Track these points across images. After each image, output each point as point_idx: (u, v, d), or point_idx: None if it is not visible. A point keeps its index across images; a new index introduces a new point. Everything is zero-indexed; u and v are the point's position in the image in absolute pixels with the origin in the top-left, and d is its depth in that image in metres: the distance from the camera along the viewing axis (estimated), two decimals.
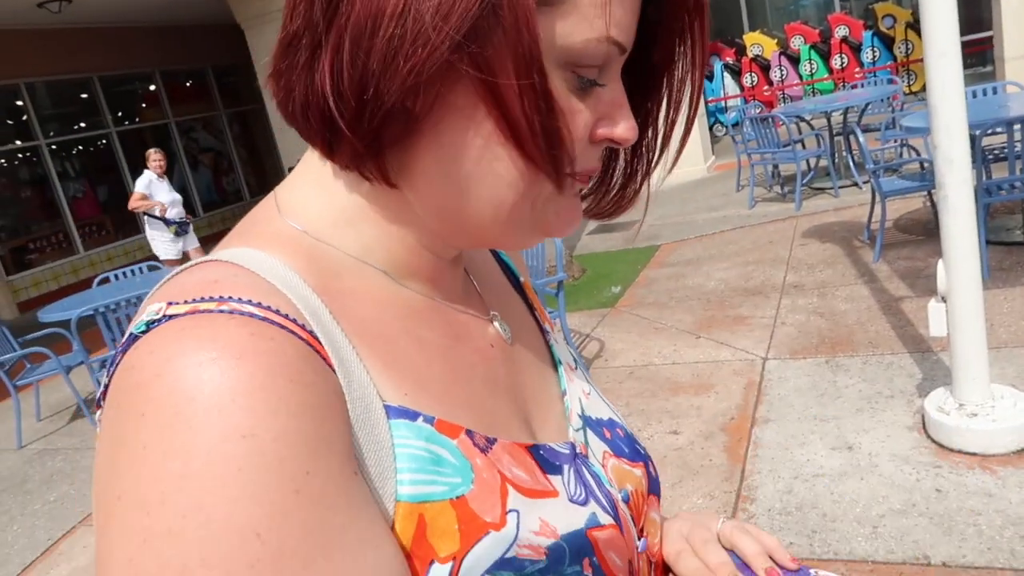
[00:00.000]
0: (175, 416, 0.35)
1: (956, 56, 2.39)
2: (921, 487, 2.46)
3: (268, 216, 0.49)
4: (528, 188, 0.45)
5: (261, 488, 0.34)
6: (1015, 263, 4.13)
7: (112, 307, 4.48)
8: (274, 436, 0.35)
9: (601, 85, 0.45)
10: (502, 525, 0.43)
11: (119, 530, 0.34)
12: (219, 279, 0.41)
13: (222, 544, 0.33)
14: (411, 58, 0.39)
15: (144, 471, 0.34)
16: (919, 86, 11.11)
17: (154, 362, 0.36)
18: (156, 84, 12.46)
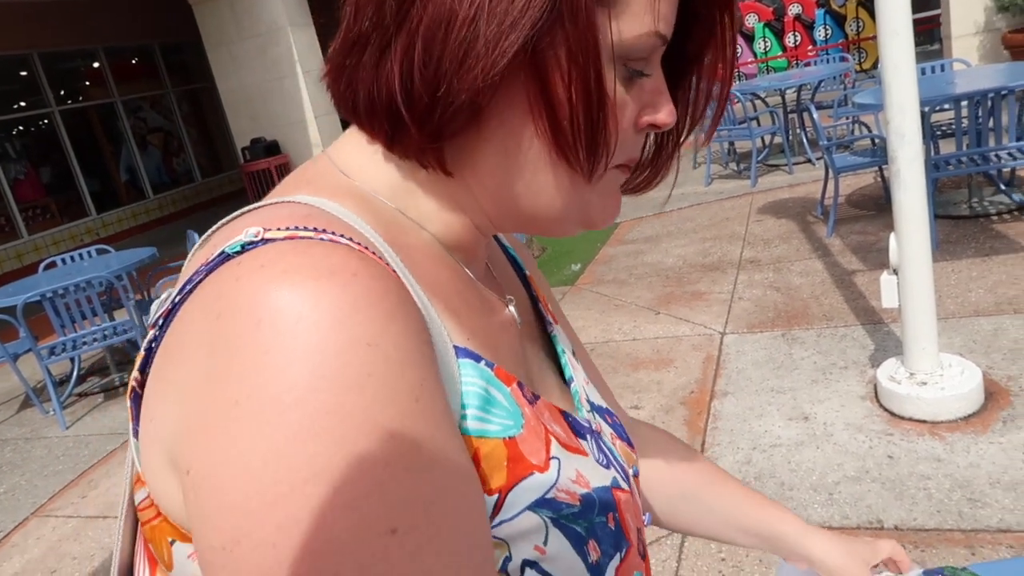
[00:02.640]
0: (298, 322, 0.36)
1: (908, 35, 2.43)
2: (874, 454, 2.53)
3: (327, 172, 0.51)
4: (568, 183, 0.48)
5: (390, 392, 0.36)
6: (961, 236, 4.25)
7: (60, 292, 4.34)
8: (394, 346, 0.37)
9: (647, 75, 0.48)
10: (545, 469, 0.47)
11: (246, 432, 0.34)
12: (309, 214, 0.43)
13: (362, 442, 0.35)
14: (482, 59, 0.41)
15: (270, 374, 0.35)
16: (870, 63, 11.32)
17: (266, 274, 0.37)
18: (100, 61, 12.03)
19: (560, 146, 0.45)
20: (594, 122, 0.45)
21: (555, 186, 0.48)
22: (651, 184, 0.59)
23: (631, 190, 0.59)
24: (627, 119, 0.48)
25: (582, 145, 0.45)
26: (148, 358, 0.44)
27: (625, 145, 0.49)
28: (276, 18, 9.82)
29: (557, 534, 0.46)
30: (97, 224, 11.48)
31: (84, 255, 5.72)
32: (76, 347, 4.50)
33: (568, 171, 0.47)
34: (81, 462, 3.91)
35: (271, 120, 10.34)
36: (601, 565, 0.48)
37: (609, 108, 0.45)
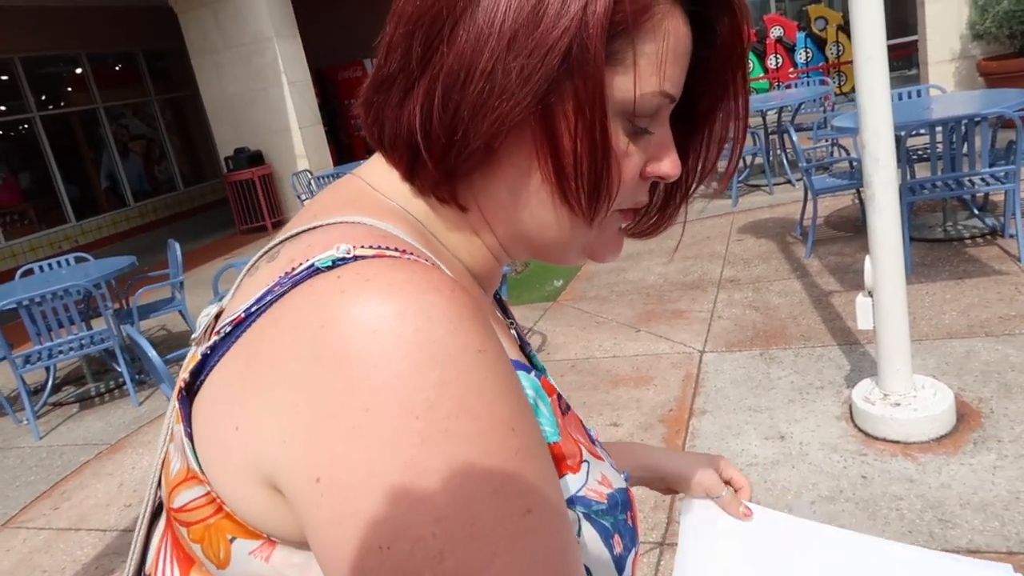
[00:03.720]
0: (416, 332, 0.38)
1: (883, 60, 2.48)
2: (848, 474, 2.56)
3: (367, 192, 0.54)
4: (571, 223, 0.52)
5: (503, 392, 0.40)
6: (936, 259, 4.33)
7: (37, 300, 4.29)
8: (496, 352, 0.41)
9: (651, 133, 0.51)
10: (578, 470, 0.51)
11: (382, 436, 0.37)
12: (385, 234, 0.47)
13: (491, 437, 0.38)
14: (496, 109, 0.45)
15: (397, 381, 0.37)
16: (849, 87, 11.50)
17: (374, 287, 0.40)
18: (83, 67, 11.95)
19: (563, 191, 0.49)
20: (597, 172, 0.48)
21: (558, 225, 0.52)
22: (658, 230, 0.63)
23: (639, 234, 0.63)
24: (632, 169, 0.52)
25: (584, 192, 0.49)
26: (204, 363, 0.45)
27: (629, 193, 0.53)
28: (262, 28, 9.82)
29: (588, 527, 0.50)
30: (76, 231, 11.36)
31: (62, 263, 5.67)
32: (52, 356, 4.45)
33: (570, 213, 0.51)
34: (54, 473, 3.86)
35: (254, 130, 10.31)
36: (623, 558, 0.52)
37: (613, 159, 0.49)
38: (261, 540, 0.43)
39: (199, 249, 9.73)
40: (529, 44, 0.44)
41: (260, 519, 0.43)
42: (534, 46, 0.44)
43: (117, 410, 4.59)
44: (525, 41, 0.44)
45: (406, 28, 0.48)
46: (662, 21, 0.48)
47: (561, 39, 0.44)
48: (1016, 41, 7.39)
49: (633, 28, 0.47)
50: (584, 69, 0.45)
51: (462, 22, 0.46)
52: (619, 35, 0.46)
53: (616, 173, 0.49)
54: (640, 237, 0.63)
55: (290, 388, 0.39)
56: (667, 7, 0.48)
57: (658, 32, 0.48)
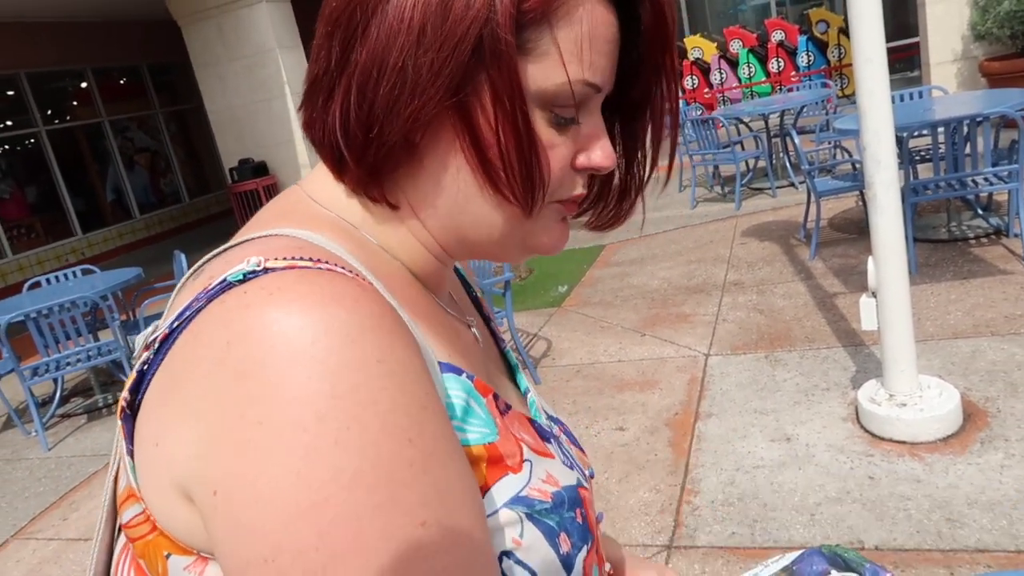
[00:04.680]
0: (312, 344, 0.38)
1: (882, 62, 2.49)
2: (855, 475, 2.56)
3: (302, 203, 0.54)
4: (507, 215, 0.51)
5: (403, 403, 0.40)
6: (940, 259, 4.32)
7: (44, 312, 4.32)
8: (399, 362, 0.41)
9: (577, 123, 0.51)
10: (519, 470, 0.50)
11: (273, 452, 0.37)
12: (303, 245, 0.47)
13: (384, 449, 0.38)
14: (409, 104, 0.46)
15: (289, 394, 0.37)
16: (851, 89, 11.49)
17: (276, 300, 0.40)
18: (88, 81, 12.03)
19: (494, 182, 0.48)
20: (526, 161, 0.48)
21: (492, 218, 0.51)
22: (618, 222, 0.62)
23: (597, 227, 0.62)
24: (559, 160, 0.51)
25: (516, 182, 0.48)
26: (140, 380, 0.45)
27: (563, 183, 0.52)
28: (264, 40, 9.88)
29: (531, 527, 0.49)
30: (82, 244, 11.42)
31: (69, 275, 5.70)
32: (60, 368, 4.47)
33: (505, 205, 0.50)
34: (63, 484, 3.88)
35: (258, 141, 10.36)
36: (571, 556, 0.51)
37: (540, 148, 0.48)
38: (193, 556, 0.44)
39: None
40: (438, 37, 0.44)
41: (187, 535, 0.43)
42: (443, 39, 0.44)
43: None
44: (434, 35, 0.44)
45: (326, 28, 0.49)
46: (577, 7, 0.47)
47: (470, 30, 0.44)
48: (1018, 41, 7.38)
49: (545, 16, 0.46)
50: (496, 60, 0.45)
51: (374, 20, 0.46)
52: (530, 24, 0.46)
53: (545, 161, 0.49)
54: (602, 229, 0.62)
55: (198, 402, 0.40)
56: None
57: (572, 19, 0.47)
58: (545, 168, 0.49)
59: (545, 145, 0.49)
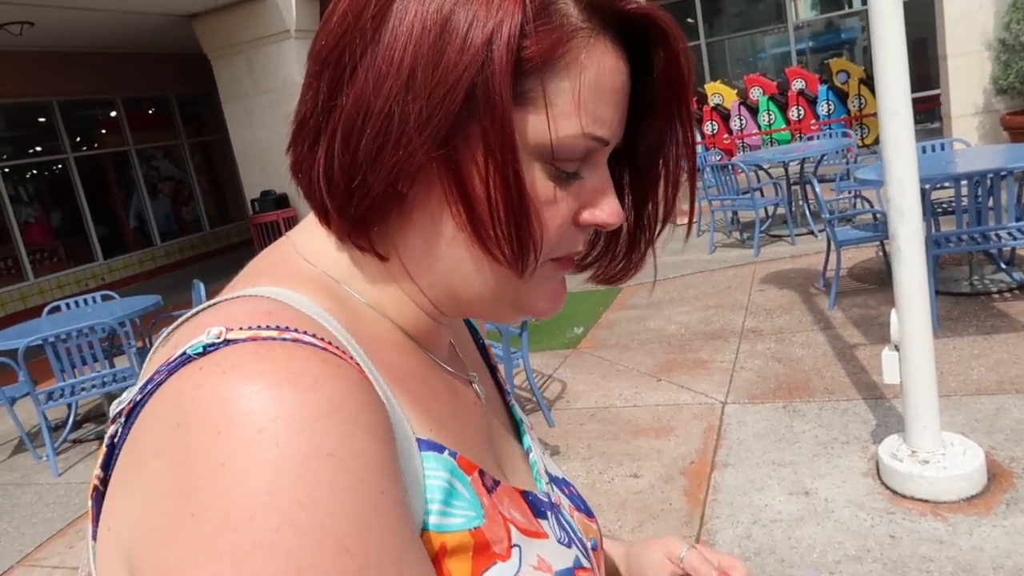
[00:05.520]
0: (257, 434, 0.35)
1: (908, 114, 2.49)
2: (875, 533, 2.49)
3: (288, 257, 0.51)
4: (498, 275, 0.48)
5: (346, 505, 0.36)
6: (963, 313, 4.27)
7: (62, 337, 4.35)
8: (353, 455, 0.37)
9: (581, 178, 0.47)
10: (507, 557, 0.46)
11: (198, 548, 0.34)
12: (271, 311, 0.43)
13: (315, 558, 0.34)
14: (394, 153, 0.42)
15: (225, 487, 0.34)
16: (872, 139, 11.52)
17: (228, 381, 0.37)
18: (117, 110, 12.29)
19: (483, 240, 0.45)
20: (516, 220, 0.44)
21: (482, 277, 0.48)
22: (626, 276, 0.58)
23: (605, 280, 0.58)
24: (559, 217, 0.47)
25: (506, 241, 0.44)
26: (110, 456, 0.42)
27: (562, 241, 0.49)
28: (292, 74, 10.08)
29: None
30: (103, 269, 11.55)
31: (88, 300, 5.75)
32: (75, 393, 4.49)
33: (494, 264, 0.46)
34: (71, 511, 3.86)
35: (282, 173, 10.42)
36: None
37: (531, 206, 0.44)
38: None
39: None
40: (429, 84, 0.41)
41: None
42: (434, 86, 0.41)
43: None
44: (424, 81, 0.41)
45: (315, 68, 0.46)
46: (581, 55, 0.44)
47: (463, 78, 0.41)
48: None
49: (546, 64, 0.43)
50: (490, 111, 0.42)
51: (363, 62, 0.43)
52: (529, 73, 0.43)
53: (537, 220, 0.45)
54: (610, 283, 0.58)
55: (144, 486, 0.37)
56: (587, 40, 0.44)
57: (576, 68, 0.44)
58: (537, 228, 0.45)
59: (545, 201, 0.46)
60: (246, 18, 9.98)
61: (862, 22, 13.74)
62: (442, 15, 0.41)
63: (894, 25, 2.41)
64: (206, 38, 10.32)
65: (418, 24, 0.42)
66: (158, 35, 11.00)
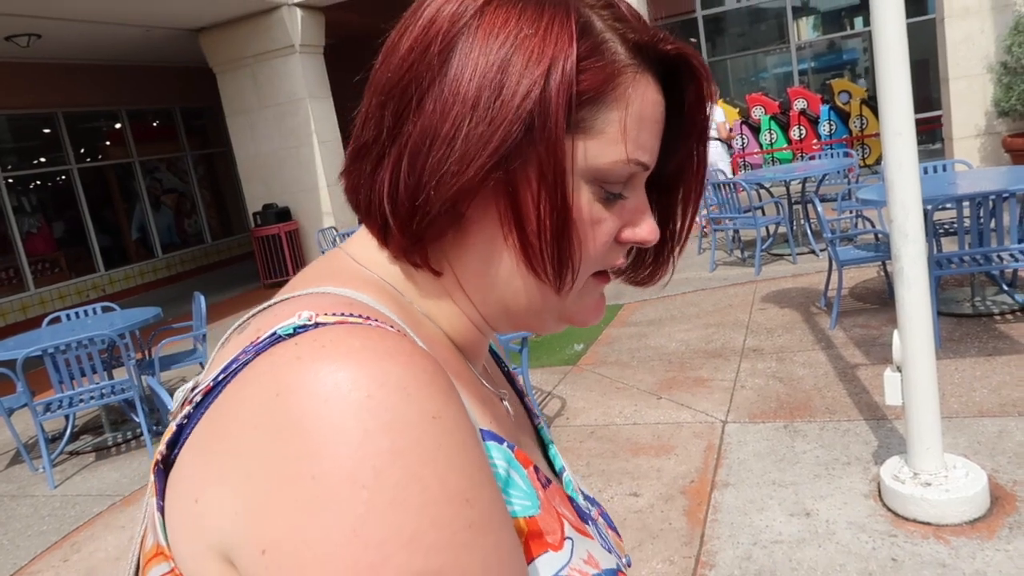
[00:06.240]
0: (368, 398, 0.38)
1: (911, 135, 2.49)
2: (877, 556, 2.47)
3: (347, 265, 0.54)
4: (542, 290, 0.51)
5: (460, 462, 0.39)
6: (965, 334, 4.25)
7: (62, 348, 4.34)
8: (454, 420, 0.40)
9: (623, 198, 0.52)
10: (560, 547, 0.48)
11: (327, 507, 0.36)
12: (352, 302, 0.47)
13: (443, 509, 0.37)
14: (456, 175, 0.46)
15: (347, 449, 0.36)
16: (873, 159, 11.56)
17: (329, 354, 0.39)
18: (122, 122, 12.35)
19: (528, 258, 0.49)
20: (560, 240, 0.48)
21: (527, 293, 0.52)
22: (652, 280, 0.63)
23: (634, 282, 0.63)
24: (605, 233, 0.52)
25: (548, 261, 0.49)
26: (179, 435, 0.44)
27: (606, 256, 0.53)
28: (296, 89, 10.13)
29: None
30: (104, 280, 11.55)
31: (88, 311, 5.74)
32: (72, 404, 4.47)
33: (537, 281, 0.50)
34: (66, 523, 3.83)
35: (284, 187, 10.53)
36: None
37: (573, 228, 0.49)
38: None
39: (224, 302, 9.83)
40: (491, 112, 0.45)
41: None
42: (495, 114, 0.45)
43: (133, 461, 4.58)
44: (487, 109, 0.45)
45: (379, 99, 0.50)
46: (627, 89, 0.49)
47: (522, 107, 0.45)
48: None
49: (600, 96, 0.48)
50: (545, 137, 0.46)
51: (430, 94, 0.47)
52: (584, 104, 0.47)
53: (578, 242, 0.50)
54: (637, 285, 0.63)
55: (245, 458, 0.39)
56: (635, 75, 0.49)
57: (625, 100, 0.49)
58: (577, 248, 0.50)
59: (592, 220, 0.50)
60: (252, 33, 10.05)
61: (864, 43, 13.83)
62: (504, 52, 0.46)
63: (898, 48, 2.42)
64: (212, 52, 10.38)
65: (483, 59, 0.46)
66: (164, 48, 11.07)
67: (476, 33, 0.47)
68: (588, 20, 0.48)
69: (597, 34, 0.48)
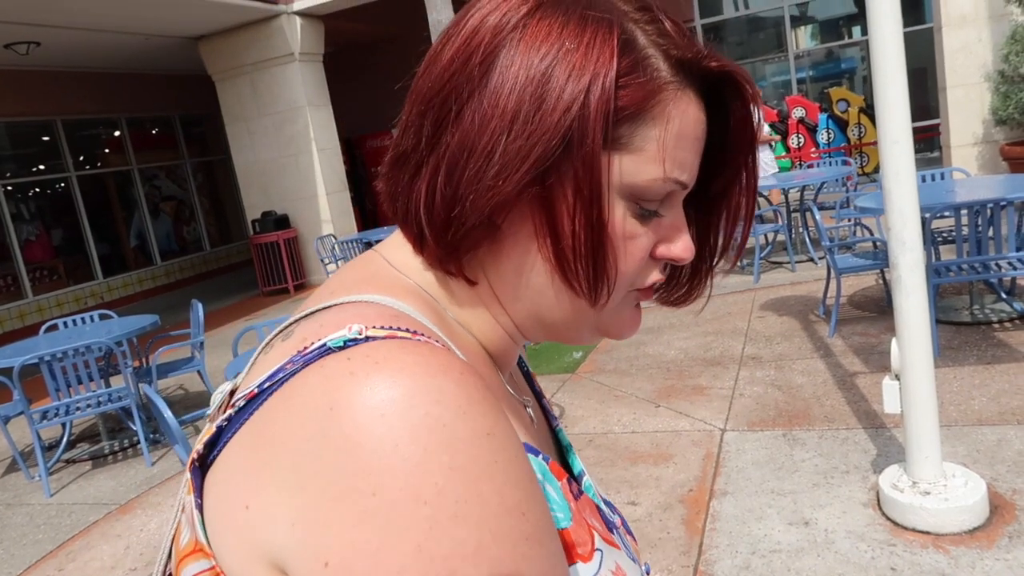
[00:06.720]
0: (425, 416, 0.38)
1: (908, 144, 2.50)
2: (876, 565, 2.46)
3: (385, 270, 0.54)
4: (577, 304, 0.51)
5: (514, 476, 0.40)
6: (963, 342, 4.25)
7: (59, 356, 4.33)
8: (506, 435, 0.41)
9: (659, 215, 0.52)
10: (589, 559, 0.49)
11: (391, 522, 0.36)
12: (398, 315, 0.47)
13: (502, 522, 0.38)
14: (493, 188, 0.46)
15: (408, 466, 0.37)
16: (871, 167, 11.58)
17: (383, 370, 0.40)
18: (121, 130, 12.36)
19: (563, 272, 0.49)
20: (594, 256, 0.48)
21: (560, 306, 0.52)
22: (687, 300, 0.63)
23: (669, 302, 0.63)
24: (640, 249, 0.51)
25: (583, 274, 0.49)
26: (218, 436, 0.45)
27: (641, 272, 0.53)
28: (295, 97, 10.15)
29: None
30: (102, 288, 11.54)
31: (86, 319, 5.73)
32: (69, 412, 4.45)
33: (571, 294, 0.50)
34: (62, 532, 3.81)
35: (283, 195, 10.54)
36: None
37: (608, 243, 0.49)
38: None
39: (222, 309, 9.82)
40: (530, 126, 0.45)
41: None
42: (534, 128, 0.45)
43: (129, 469, 4.56)
44: (526, 123, 0.46)
45: (419, 108, 0.50)
46: (668, 106, 0.48)
47: (560, 122, 0.45)
48: None
49: (639, 113, 0.47)
50: (582, 153, 0.46)
51: (469, 105, 0.47)
52: (624, 120, 0.47)
53: (613, 257, 0.49)
54: (672, 306, 0.63)
55: (300, 470, 0.39)
56: (675, 93, 0.49)
57: (665, 117, 0.48)
58: (612, 263, 0.49)
59: (627, 236, 0.50)
60: (251, 41, 10.07)
61: (862, 52, 13.87)
62: (545, 66, 0.46)
63: (895, 56, 2.43)
64: (211, 60, 10.40)
65: (523, 73, 0.46)
66: (163, 56, 11.09)
67: (518, 46, 0.47)
68: (631, 36, 0.48)
69: (640, 50, 0.48)
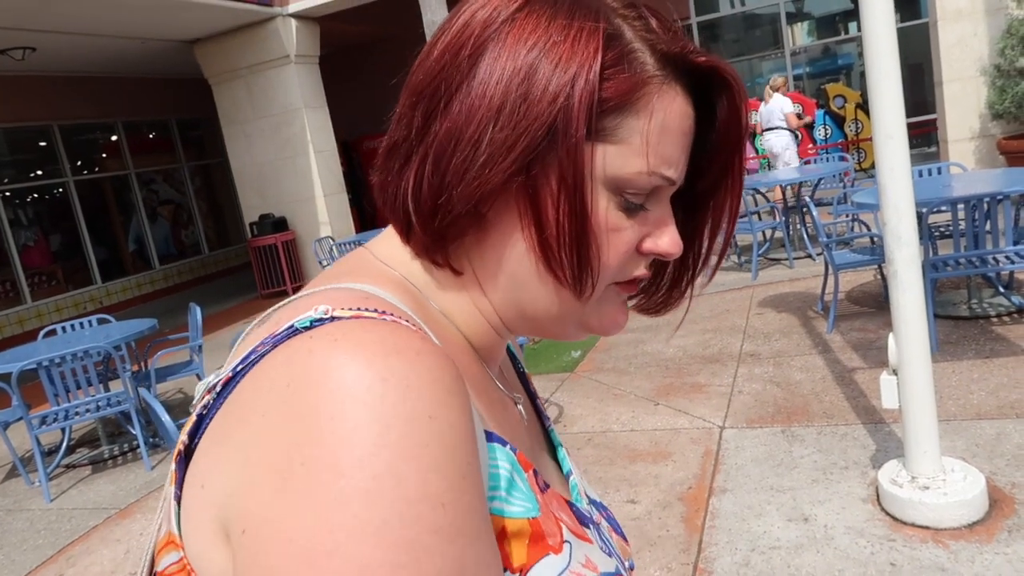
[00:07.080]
0: (367, 392, 0.38)
1: (903, 139, 2.49)
2: (876, 560, 2.46)
3: (369, 262, 0.55)
4: (562, 296, 0.52)
5: (444, 464, 0.39)
6: (961, 337, 4.25)
7: (57, 361, 4.32)
8: (450, 423, 0.40)
9: (646, 210, 0.52)
10: (559, 551, 0.49)
11: (306, 491, 0.36)
12: (368, 296, 0.48)
13: (414, 507, 0.37)
14: (479, 177, 0.47)
15: (336, 438, 0.37)
16: (869, 163, 11.58)
17: (339, 347, 0.40)
18: (118, 134, 12.34)
19: (548, 261, 0.49)
20: (579, 245, 0.49)
21: (548, 297, 0.52)
22: (668, 307, 0.62)
23: (645, 311, 0.62)
24: (625, 242, 0.51)
25: (567, 264, 0.49)
26: (199, 424, 0.46)
27: (626, 266, 0.53)
28: (292, 100, 10.14)
29: None
30: (101, 292, 11.53)
31: (85, 324, 5.73)
32: (68, 417, 4.45)
33: (556, 285, 0.51)
34: (62, 537, 3.81)
35: (280, 197, 10.53)
36: None
37: (591, 233, 0.49)
38: None
39: (221, 312, 9.81)
40: (516, 116, 0.46)
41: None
42: (520, 118, 0.46)
43: (129, 474, 4.56)
44: (512, 113, 0.46)
45: (411, 99, 0.51)
46: (653, 99, 0.49)
47: (545, 113, 0.46)
48: None
49: (624, 105, 0.48)
50: (566, 143, 0.46)
51: (458, 95, 0.48)
52: (608, 112, 0.48)
53: (596, 247, 0.49)
54: (648, 313, 0.63)
55: (248, 442, 0.40)
56: (660, 87, 0.49)
57: (651, 109, 0.49)
58: (596, 255, 0.50)
59: (612, 228, 0.50)
60: (247, 44, 10.06)
61: (858, 48, 13.87)
62: (532, 58, 0.47)
63: (888, 52, 2.43)
64: (207, 63, 10.39)
65: (510, 65, 0.47)
66: (159, 60, 11.08)
67: (506, 39, 0.48)
68: (618, 30, 0.48)
69: (626, 43, 0.48)
